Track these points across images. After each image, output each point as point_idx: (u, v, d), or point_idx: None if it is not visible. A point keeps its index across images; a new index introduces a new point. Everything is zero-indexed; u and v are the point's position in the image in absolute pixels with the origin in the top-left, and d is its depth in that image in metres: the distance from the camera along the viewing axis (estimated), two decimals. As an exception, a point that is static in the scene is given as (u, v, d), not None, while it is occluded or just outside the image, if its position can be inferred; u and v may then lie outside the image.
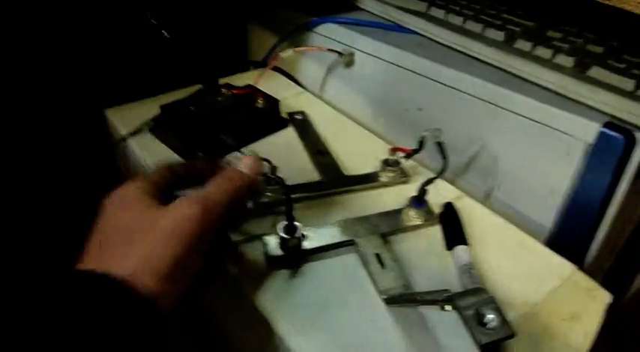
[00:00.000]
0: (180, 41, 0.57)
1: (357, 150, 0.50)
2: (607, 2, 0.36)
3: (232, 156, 0.40)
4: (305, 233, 0.38)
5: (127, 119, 0.53)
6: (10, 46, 0.58)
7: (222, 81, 0.56)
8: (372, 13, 0.61)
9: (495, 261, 0.39)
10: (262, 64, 0.67)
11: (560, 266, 0.39)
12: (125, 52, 0.67)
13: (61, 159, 0.67)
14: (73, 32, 0.62)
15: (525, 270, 0.38)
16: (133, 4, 0.53)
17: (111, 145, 0.57)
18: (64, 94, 0.63)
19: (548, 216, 0.45)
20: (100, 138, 0.61)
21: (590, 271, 0.46)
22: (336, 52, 0.57)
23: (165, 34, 0.56)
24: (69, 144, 0.65)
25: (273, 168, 0.41)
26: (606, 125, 0.39)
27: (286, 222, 0.36)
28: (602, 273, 0.59)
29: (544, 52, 0.44)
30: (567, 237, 0.45)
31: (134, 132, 0.51)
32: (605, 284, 0.40)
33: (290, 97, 0.59)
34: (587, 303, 0.36)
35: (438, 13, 0.53)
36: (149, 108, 0.53)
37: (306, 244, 0.37)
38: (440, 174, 0.40)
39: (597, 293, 0.38)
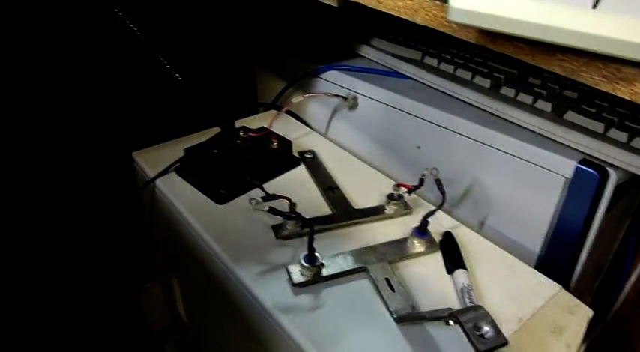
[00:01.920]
0: (193, 84, 0.63)
1: (363, 185, 0.56)
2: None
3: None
4: (323, 262, 0.43)
5: (153, 161, 0.59)
6: (38, 93, 0.64)
7: (238, 123, 0.62)
8: (371, 60, 0.67)
9: (490, 282, 0.44)
10: (272, 106, 0.73)
11: (547, 286, 0.45)
12: (144, 97, 0.73)
13: (89, 202, 0.72)
14: (97, 76, 0.68)
15: (516, 290, 0.44)
16: (147, 49, 0.59)
17: (137, 187, 0.62)
18: (90, 140, 0.69)
19: (536, 242, 0.50)
20: (125, 182, 0.67)
21: (578, 290, 0.51)
22: (341, 96, 0.63)
23: (178, 76, 0.62)
24: (97, 188, 0.71)
25: (293, 205, 0.46)
26: (582, 162, 0.45)
27: (307, 253, 0.42)
28: (591, 292, 0.65)
29: (526, 98, 0.51)
30: (554, 261, 0.50)
31: (161, 174, 0.56)
32: (595, 301, 0.45)
33: (299, 137, 0.65)
34: (571, 318, 0.42)
35: (432, 61, 0.60)
36: (172, 151, 0.59)
37: (324, 272, 0.43)
38: (439, 207, 0.45)
39: (580, 310, 0.43)
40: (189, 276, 0.59)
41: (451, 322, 0.32)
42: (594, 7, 0.25)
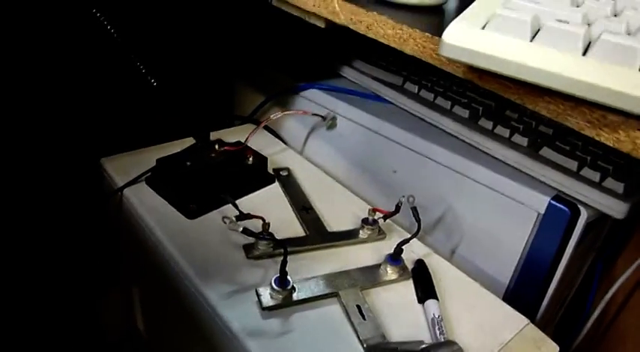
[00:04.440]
0: (168, 91, 0.62)
1: (338, 207, 0.55)
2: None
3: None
4: (294, 285, 0.42)
5: (122, 169, 0.57)
6: (7, 94, 0.61)
7: (213, 135, 0.61)
8: (353, 81, 0.67)
9: (460, 312, 0.44)
10: (249, 120, 0.72)
11: (515, 319, 0.45)
12: (116, 100, 0.71)
13: (51, 206, 0.69)
14: (67, 78, 0.65)
15: (485, 323, 0.44)
16: (123, 51, 0.57)
17: (103, 195, 0.60)
18: (58, 144, 0.66)
19: (505, 273, 0.51)
20: (90, 189, 0.64)
21: (543, 322, 0.52)
22: (320, 116, 0.62)
23: (153, 81, 0.60)
24: (61, 192, 0.68)
25: (266, 225, 0.45)
26: (554, 198, 0.46)
27: (279, 276, 0.41)
28: (553, 323, 0.66)
29: (503, 131, 0.51)
30: (522, 292, 0.50)
31: (130, 183, 0.55)
32: (557, 332, 0.46)
33: (275, 154, 0.64)
34: (538, 354, 0.42)
35: (412, 87, 0.60)
36: (143, 159, 0.57)
37: (295, 296, 0.42)
38: (414, 235, 0.45)
39: (546, 344, 0.43)
40: (152, 290, 0.57)
41: (423, 357, 0.32)
42: (584, 53, 0.25)
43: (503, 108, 0.57)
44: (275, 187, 0.58)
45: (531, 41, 0.27)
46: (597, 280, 0.62)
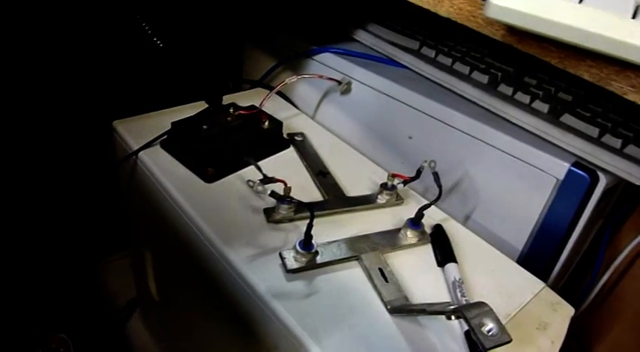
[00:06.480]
0: (175, 53, 0.60)
1: (354, 172, 0.55)
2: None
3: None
4: (317, 249, 0.42)
5: (135, 132, 0.56)
6: (19, 59, 0.60)
7: (224, 99, 0.60)
8: (367, 46, 0.66)
9: (478, 276, 0.45)
10: (259, 84, 0.71)
11: (532, 282, 0.46)
12: (125, 63, 0.70)
13: (57, 170, 0.69)
14: (75, 41, 0.64)
15: (503, 286, 0.44)
16: (129, 13, 0.55)
17: (115, 158, 0.59)
18: (70, 106, 0.65)
19: (520, 239, 0.51)
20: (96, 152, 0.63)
21: (552, 286, 0.53)
22: (336, 80, 0.62)
23: (159, 43, 0.59)
24: (73, 157, 0.67)
25: (288, 189, 0.45)
26: (574, 165, 0.46)
27: (304, 239, 0.41)
28: (558, 287, 0.67)
29: (523, 98, 0.51)
30: (535, 258, 0.51)
31: (146, 146, 0.54)
32: (562, 295, 0.47)
33: (288, 118, 0.63)
34: (555, 315, 0.43)
35: (429, 52, 0.59)
36: (156, 123, 0.56)
37: (318, 259, 0.42)
38: (436, 200, 0.45)
39: (562, 307, 0.44)
40: (167, 253, 0.58)
41: (453, 317, 0.32)
42: (634, 16, 0.25)
43: (522, 75, 0.57)
44: (290, 152, 0.58)
45: (580, 2, 0.27)
46: (605, 246, 0.63)
